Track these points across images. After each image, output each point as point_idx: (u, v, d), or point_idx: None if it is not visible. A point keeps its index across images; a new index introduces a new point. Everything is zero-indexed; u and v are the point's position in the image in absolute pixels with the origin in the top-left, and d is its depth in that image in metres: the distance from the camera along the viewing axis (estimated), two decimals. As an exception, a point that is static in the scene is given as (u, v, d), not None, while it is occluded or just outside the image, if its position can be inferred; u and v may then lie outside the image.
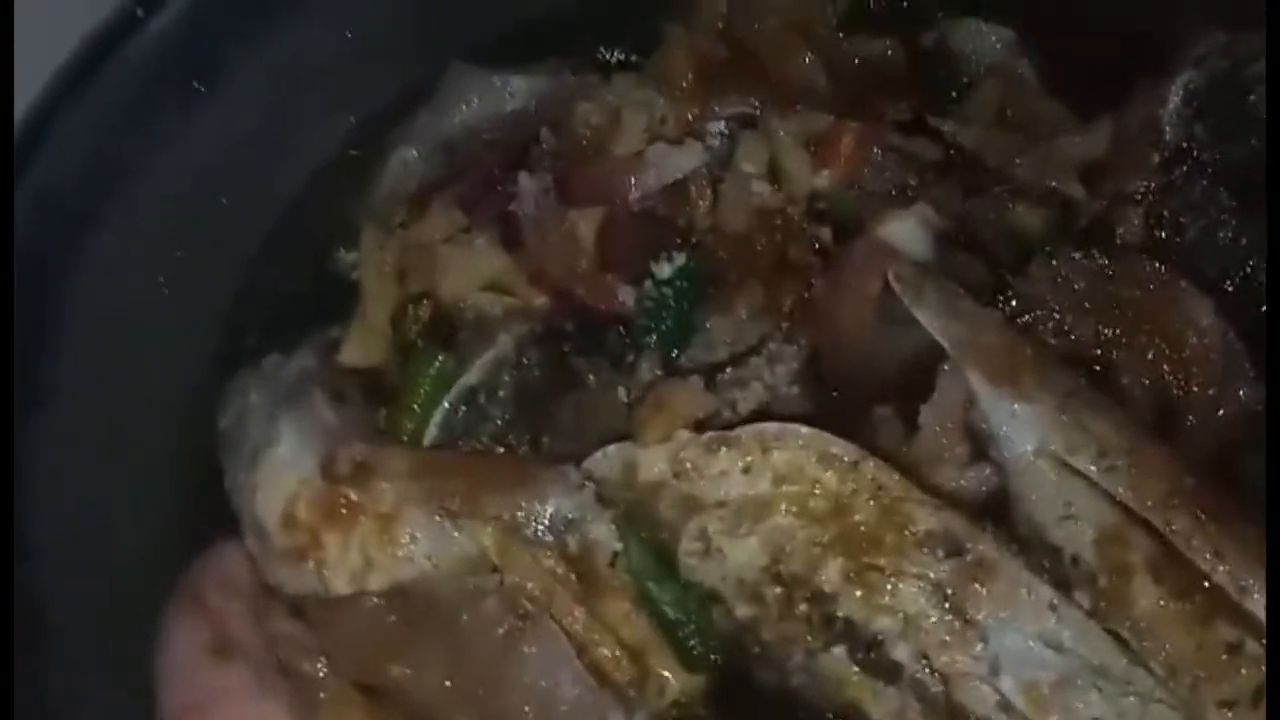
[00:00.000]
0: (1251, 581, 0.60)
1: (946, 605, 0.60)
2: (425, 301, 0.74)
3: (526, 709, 0.63)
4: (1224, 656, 0.59)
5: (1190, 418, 0.68)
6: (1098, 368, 0.68)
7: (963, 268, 0.71)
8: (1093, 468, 0.62)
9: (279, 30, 0.81)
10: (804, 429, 0.64)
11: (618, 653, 0.64)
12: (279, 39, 0.81)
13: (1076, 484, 0.63)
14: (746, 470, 0.64)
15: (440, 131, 0.83)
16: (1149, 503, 0.61)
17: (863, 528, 0.62)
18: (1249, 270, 0.72)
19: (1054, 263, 0.71)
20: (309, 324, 0.77)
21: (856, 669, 0.62)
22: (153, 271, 0.78)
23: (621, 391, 0.71)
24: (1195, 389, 0.69)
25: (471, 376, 0.71)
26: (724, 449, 0.65)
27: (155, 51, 0.77)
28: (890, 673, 0.62)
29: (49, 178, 0.74)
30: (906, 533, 0.61)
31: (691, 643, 0.65)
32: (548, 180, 0.74)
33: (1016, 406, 0.64)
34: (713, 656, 0.65)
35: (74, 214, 0.75)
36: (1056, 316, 0.69)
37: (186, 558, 0.71)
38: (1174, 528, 0.61)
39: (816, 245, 0.71)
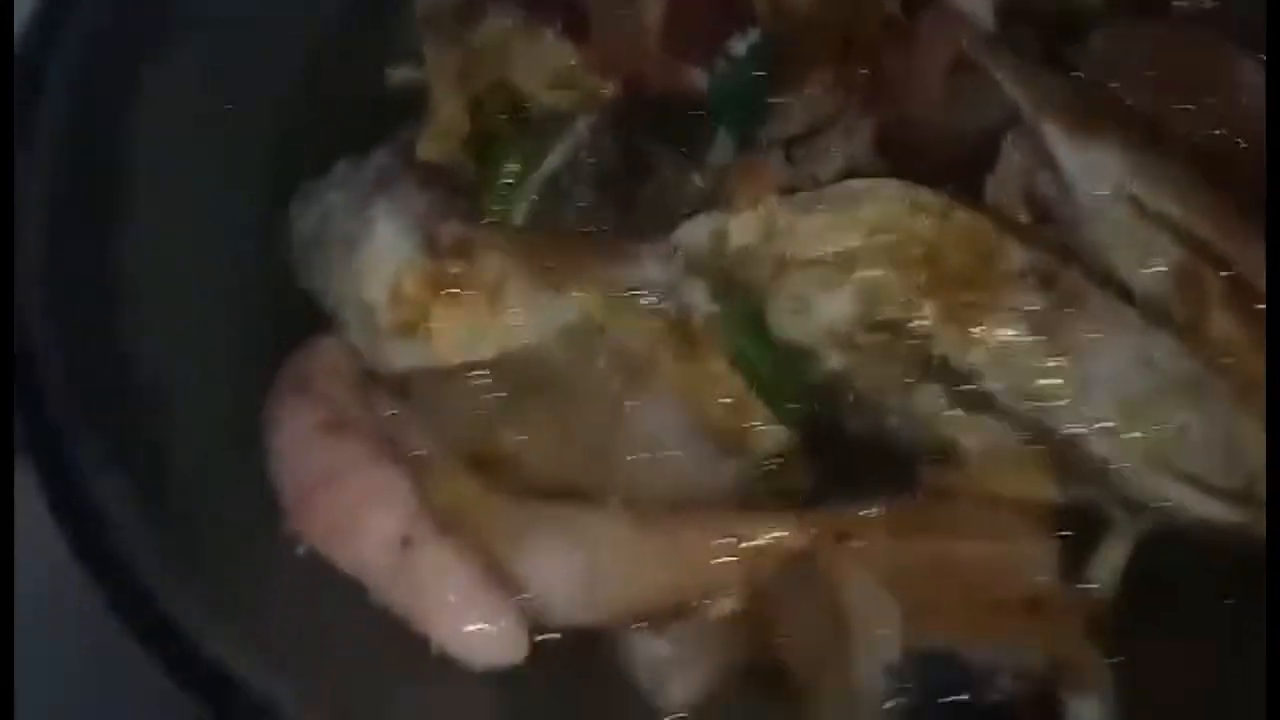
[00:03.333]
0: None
1: (1040, 332, 0.64)
2: (497, 94, 0.75)
3: (639, 460, 0.66)
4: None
5: (1241, 170, 0.72)
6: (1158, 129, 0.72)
7: (1022, 41, 0.74)
8: (1171, 206, 0.65)
9: None
10: (894, 181, 0.67)
11: (721, 404, 0.67)
12: None
13: (1149, 227, 0.66)
14: (838, 227, 0.67)
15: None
16: (1226, 240, 0.65)
17: (956, 270, 0.65)
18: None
19: (1110, 33, 0.74)
20: (369, 138, 0.78)
21: (951, 403, 0.66)
22: (209, 102, 0.78)
23: (696, 176, 0.73)
24: (1245, 144, 0.73)
25: (553, 160, 0.73)
26: (815, 207, 0.67)
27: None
28: (983, 403, 0.65)
29: (94, 19, 0.74)
30: (1000, 269, 0.64)
31: (787, 397, 0.68)
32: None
33: (1093, 152, 0.67)
34: (806, 409, 0.68)
35: (123, 51, 0.75)
36: (1114, 85, 0.73)
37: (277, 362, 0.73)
38: (1244, 261, 0.65)
39: (888, 20, 0.73)
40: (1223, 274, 0.65)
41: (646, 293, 0.69)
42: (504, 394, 0.69)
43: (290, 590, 0.65)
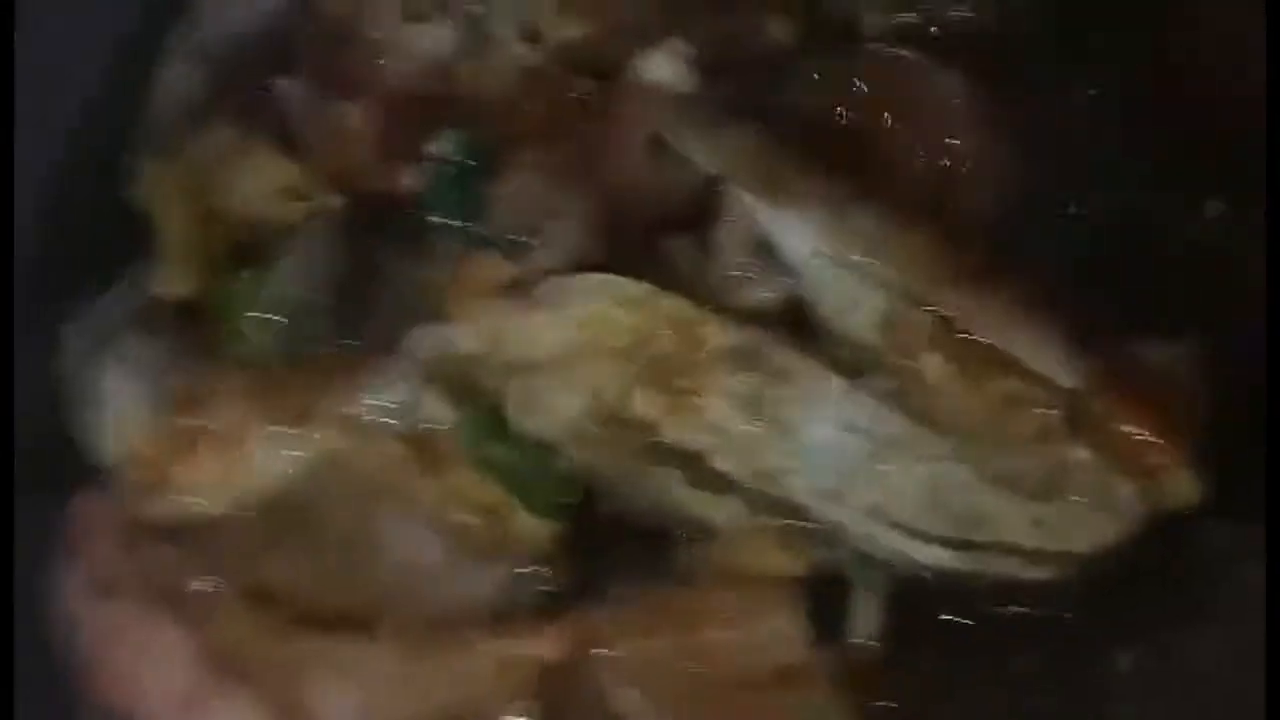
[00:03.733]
0: (1020, 335, 0.66)
1: (754, 413, 0.66)
2: (220, 222, 0.75)
3: (400, 583, 0.68)
4: (1005, 407, 0.66)
5: (958, 192, 0.74)
6: (865, 163, 0.73)
7: (723, 91, 0.74)
8: (865, 259, 0.67)
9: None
10: (595, 276, 0.68)
11: (471, 515, 0.69)
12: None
13: (853, 278, 0.68)
14: (553, 326, 0.68)
15: (200, 41, 0.83)
16: (918, 282, 0.67)
17: (668, 358, 0.67)
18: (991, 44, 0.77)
19: (809, 68, 0.75)
20: (115, 259, 0.78)
21: (689, 486, 0.68)
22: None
23: (427, 270, 0.74)
24: (958, 163, 0.74)
25: (280, 286, 0.74)
26: (528, 311, 0.68)
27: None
28: (718, 483, 0.67)
29: None
30: (706, 354, 0.66)
31: (538, 493, 0.70)
32: (311, 79, 0.76)
33: (788, 216, 0.68)
34: (560, 501, 0.70)
35: None
36: (818, 119, 0.74)
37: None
38: (944, 301, 0.66)
39: (583, 97, 0.74)
40: (927, 314, 0.67)
41: (383, 414, 0.69)
42: (264, 530, 0.70)
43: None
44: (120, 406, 0.71)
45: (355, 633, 0.68)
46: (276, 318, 0.73)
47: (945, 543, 0.65)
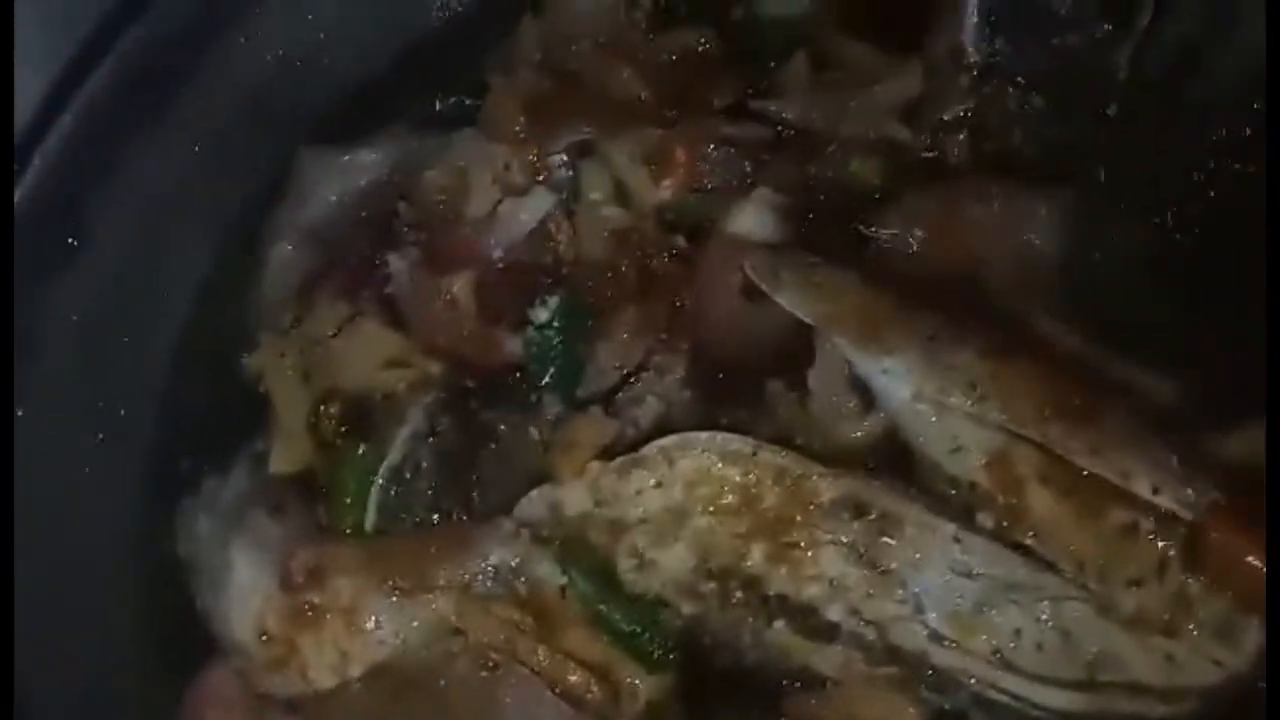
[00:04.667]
0: (1130, 465, 0.65)
1: (863, 561, 0.65)
2: (333, 399, 0.78)
3: (519, 749, 0.69)
4: (1121, 539, 0.65)
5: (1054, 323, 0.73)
6: (963, 292, 0.73)
7: (816, 235, 0.75)
8: (966, 400, 0.67)
9: (132, 160, 0.85)
10: (701, 435, 0.69)
11: (585, 676, 0.69)
12: (134, 168, 0.85)
13: (955, 418, 0.68)
14: (659, 485, 0.69)
15: (304, 220, 0.86)
16: (1022, 419, 0.66)
17: (773, 511, 0.67)
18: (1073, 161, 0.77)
19: (899, 203, 0.76)
20: (234, 437, 0.81)
21: (799, 636, 0.67)
22: (75, 429, 0.82)
23: (533, 432, 0.75)
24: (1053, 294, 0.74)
25: (393, 457, 0.76)
26: (634, 470, 0.69)
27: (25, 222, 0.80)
28: (829, 633, 0.67)
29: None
30: (812, 506, 0.66)
31: (650, 648, 0.70)
32: (414, 255, 0.78)
33: (885, 362, 0.68)
34: (671, 655, 0.70)
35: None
36: (913, 251, 0.74)
37: (178, 685, 0.77)
38: (1050, 436, 0.66)
39: (675, 254, 0.75)
40: (1033, 449, 0.66)
41: (495, 579, 0.70)
42: (382, 700, 0.71)
43: None
44: (246, 584, 0.73)
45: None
46: (393, 488, 0.75)
47: (1071, 685, 0.63)
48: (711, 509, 0.68)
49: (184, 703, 0.75)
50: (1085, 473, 0.66)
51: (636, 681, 0.70)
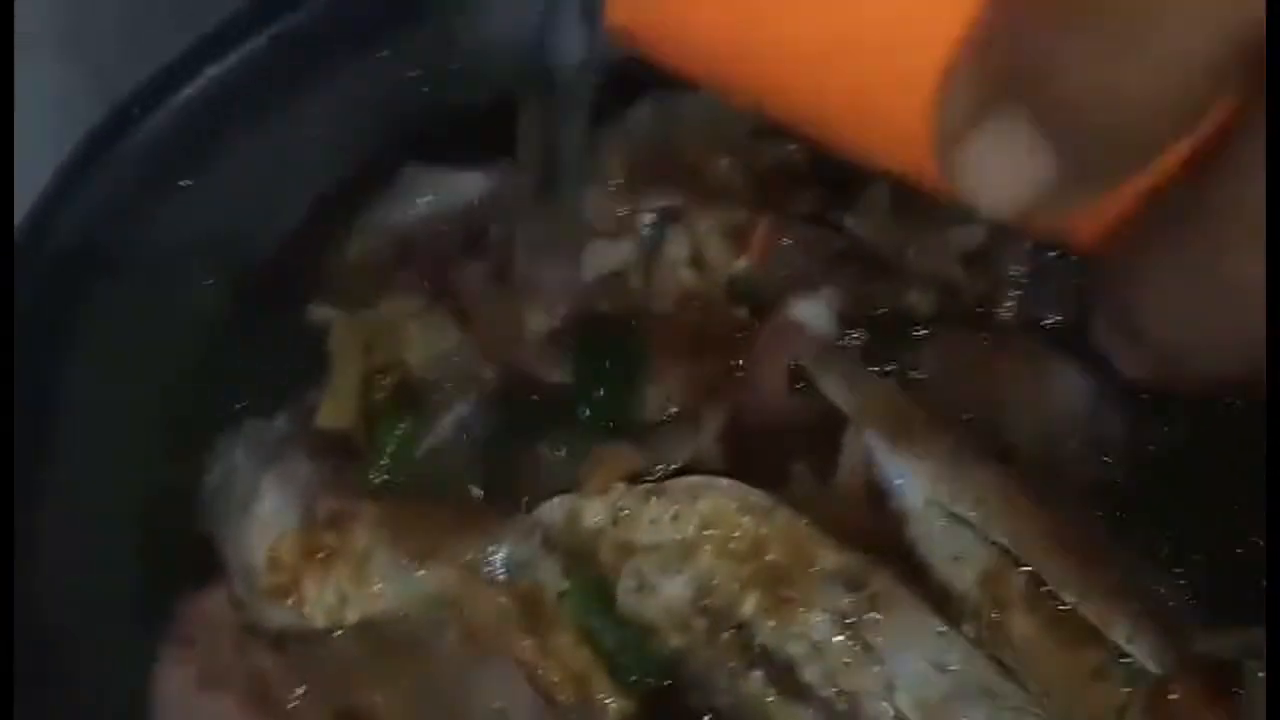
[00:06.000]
0: (1112, 614, 0.70)
1: (849, 632, 0.70)
2: (390, 372, 0.83)
3: (482, 728, 0.72)
4: (1089, 678, 0.70)
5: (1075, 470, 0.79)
6: (982, 430, 0.79)
7: (862, 345, 0.82)
8: (972, 514, 0.72)
9: (263, 126, 0.91)
10: (725, 480, 0.74)
11: (564, 679, 0.73)
12: (263, 131, 0.91)
13: (961, 530, 0.73)
14: (675, 518, 0.74)
15: (398, 222, 0.92)
16: (1021, 544, 0.72)
17: (776, 566, 0.72)
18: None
19: (941, 340, 0.82)
20: (286, 384, 0.85)
21: (773, 690, 0.71)
22: (141, 338, 0.86)
23: (565, 450, 0.80)
24: (1070, 446, 0.80)
25: (433, 438, 0.80)
26: (655, 499, 0.74)
27: (147, 150, 0.86)
28: (802, 693, 0.71)
29: (43, 268, 0.83)
30: (813, 570, 0.71)
31: (629, 671, 0.74)
32: (493, 269, 0.84)
33: (908, 463, 0.74)
34: (648, 681, 0.74)
35: (70, 294, 0.84)
36: (944, 384, 0.81)
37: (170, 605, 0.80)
38: (1044, 567, 0.71)
39: (735, 324, 0.82)
40: (1026, 577, 0.72)
41: (501, 568, 0.75)
42: (365, 655, 0.75)
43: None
44: (269, 513, 0.76)
45: (431, 769, 0.71)
46: (427, 466, 0.79)
47: (1025, 793, 0.68)
48: (719, 551, 0.73)
49: (175, 618, 0.78)
50: (1073, 610, 0.71)
51: (609, 700, 0.74)
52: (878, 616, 0.70)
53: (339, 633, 0.75)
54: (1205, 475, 0.77)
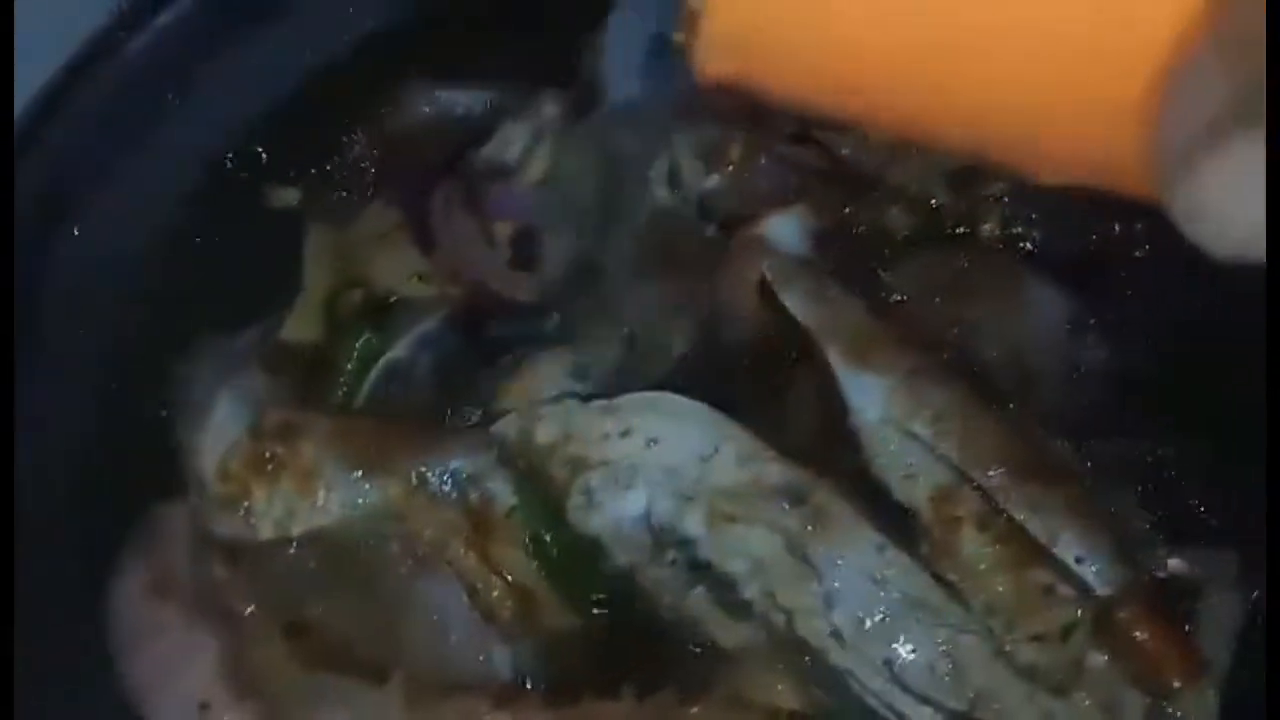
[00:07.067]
0: (1063, 531, 0.67)
1: (789, 549, 0.68)
2: (357, 286, 0.83)
3: (422, 640, 0.71)
4: (1036, 596, 0.67)
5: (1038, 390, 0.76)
6: (955, 348, 0.77)
7: (837, 263, 0.79)
8: (927, 430, 0.70)
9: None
10: (674, 397, 0.72)
11: (505, 592, 0.72)
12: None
13: (914, 446, 0.70)
14: (625, 434, 0.72)
15: (389, 129, 0.91)
16: (973, 461, 0.69)
17: (722, 482, 0.70)
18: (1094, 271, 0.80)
19: (920, 258, 0.80)
20: (253, 303, 0.85)
21: (714, 607, 0.70)
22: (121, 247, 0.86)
23: (521, 368, 0.79)
24: (1043, 367, 0.77)
25: (396, 351, 0.80)
26: (607, 415, 0.73)
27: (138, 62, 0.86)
28: (742, 610, 0.69)
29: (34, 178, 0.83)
30: (757, 485, 0.69)
31: (574, 587, 0.73)
32: (462, 192, 0.83)
33: (865, 380, 0.72)
34: (592, 598, 0.73)
35: (54, 212, 0.85)
36: (920, 303, 0.78)
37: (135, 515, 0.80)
38: (994, 482, 0.69)
39: (706, 238, 0.80)
40: (978, 495, 0.69)
41: (451, 483, 0.74)
42: (312, 567, 0.74)
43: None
44: (222, 423, 0.76)
45: (369, 677, 0.70)
46: (388, 380, 0.78)
47: (950, 713, 0.65)
48: (665, 468, 0.71)
49: (137, 526, 0.79)
50: (1023, 529, 0.68)
51: (551, 614, 0.73)
52: (817, 533, 0.68)
53: (292, 549, 0.75)
54: (1181, 401, 0.74)
